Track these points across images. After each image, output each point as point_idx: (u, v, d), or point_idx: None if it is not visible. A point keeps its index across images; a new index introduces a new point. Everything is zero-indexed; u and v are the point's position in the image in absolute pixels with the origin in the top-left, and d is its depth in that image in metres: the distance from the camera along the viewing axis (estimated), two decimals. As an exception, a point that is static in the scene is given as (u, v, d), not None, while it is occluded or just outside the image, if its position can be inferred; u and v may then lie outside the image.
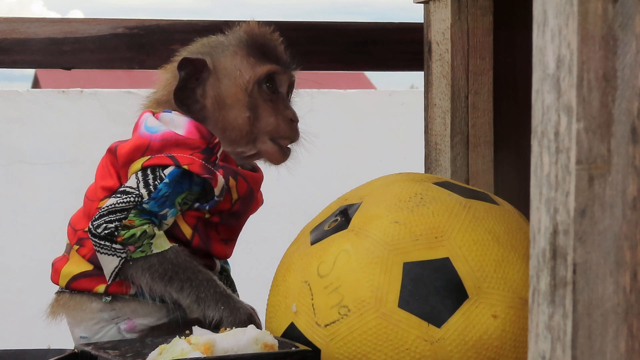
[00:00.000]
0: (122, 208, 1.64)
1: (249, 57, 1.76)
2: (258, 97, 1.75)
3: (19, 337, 3.08)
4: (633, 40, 1.06)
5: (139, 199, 1.65)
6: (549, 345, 1.09)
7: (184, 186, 1.67)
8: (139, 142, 1.69)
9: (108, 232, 1.64)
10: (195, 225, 1.70)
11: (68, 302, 1.72)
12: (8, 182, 3.57)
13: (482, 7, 2.00)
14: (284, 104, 1.78)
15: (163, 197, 1.65)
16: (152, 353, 1.48)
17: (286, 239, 1.72)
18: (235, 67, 1.75)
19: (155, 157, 1.67)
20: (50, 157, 3.58)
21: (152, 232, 1.65)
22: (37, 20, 2.14)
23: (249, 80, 1.75)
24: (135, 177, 1.67)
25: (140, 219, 1.65)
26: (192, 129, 1.70)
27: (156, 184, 1.66)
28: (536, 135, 1.11)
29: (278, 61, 1.77)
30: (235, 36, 1.78)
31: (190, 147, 1.68)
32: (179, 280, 1.65)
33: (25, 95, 3.61)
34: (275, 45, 1.78)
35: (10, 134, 3.56)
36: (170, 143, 1.68)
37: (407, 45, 2.22)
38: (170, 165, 1.66)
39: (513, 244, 1.52)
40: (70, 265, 1.72)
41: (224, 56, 1.76)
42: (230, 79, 1.75)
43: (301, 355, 1.47)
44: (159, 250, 1.65)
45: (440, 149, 2.03)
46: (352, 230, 1.54)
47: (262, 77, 1.75)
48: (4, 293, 3.52)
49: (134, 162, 1.68)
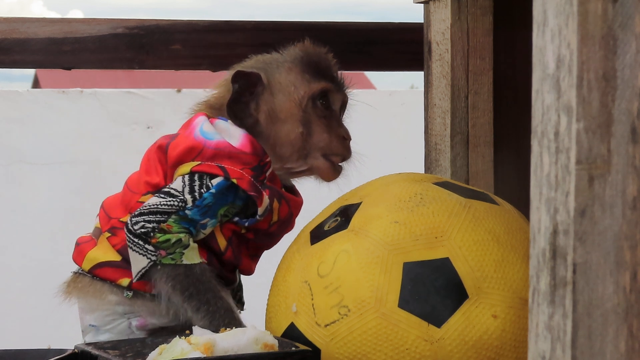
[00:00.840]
0: (163, 210, 1.64)
1: (304, 74, 1.77)
2: (312, 113, 1.76)
3: (19, 337, 3.08)
4: (633, 40, 1.06)
5: (183, 204, 1.65)
6: (549, 345, 1.09)
7: (228, 199, 1.67)
8: (192, 145, 1.69)
9: (144, 231, 1.64)
10: (230, 238, 1.71)
11: (87, 287, 1.71)
12: (8, 182, 3.57)
13: (482, 7, 2.00)
14: (337, 122, 1.79)
15: (206, 207, 1.66)
16: (152, 353, 1.48)
17: (286, 239, 1.73)
18: (290, 82, 1.76)
19: (206, 164, 1.67)
20: (50, 157, 3.58)
21: (187, 242, 1.65)
22: (37, 20, 2.14)
23: (304, 95, 1.75)
24: (182, 181, 1.67)
25: (179, 226, 1.65)
26: (247, 142, 1.70)
27: (202, 192, 1.65)
28: (536, 135, 1.11)
29: (332, 79, 1.79)
30: (290, 53, 1.79)
31: (242, 162, 1.68)
32: (197, 301, 1.65)
33: (25, 95, 3.61)
34: (329, 65, 1.80)
35: (10, 134, 3.56)
36: (223, 153, 1.68)
37: (407, 45, 2.22)
38: (219, 175, 1.66)
39: (513, 244, 1.52)
40: (98, 251, 1.72)
41: (278, 72, 1.77)
42: (284, 94, 1.75)
43: (301, 355, 1.47)
44: (189, 262, 1.65)
45: (440, 149, 2.03)
46: (352, 230, 1.54)
47: (317, 93, 1.76)
48: (4, 293, 3.52)
49: (183, 165, 1.68)
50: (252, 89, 1.75)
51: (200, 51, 2.17)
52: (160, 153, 1.72)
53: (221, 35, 2.18)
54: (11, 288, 3.53)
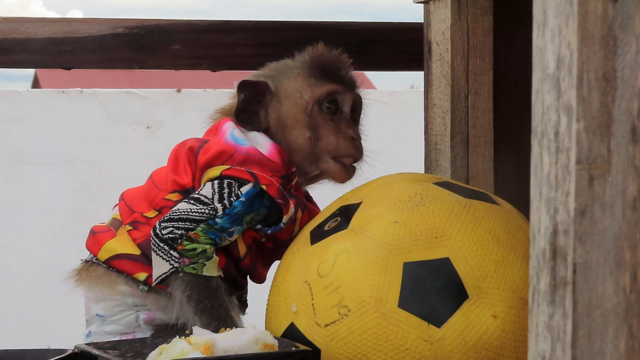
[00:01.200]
0: (193, 218, 1.65)
1: (310, 78, 1.77)
2: (318, 117, 1.76)
3: (19, 337, 3.08)
4: (633, 40, 1.06)
5: (214, 212, 1.65)
6: (549, 345, 1.09)
7: (255, 206, 1.68)
8: (224, 149, 1.69)
9: (172, 237, 1.65)
10: (250, 245, 1.72)
11: (101, 277, 1.72)
12: (8, 182, 3.57)
13: (482, 7, 2.00)
14: (346, 123, 1.78)
15: (236, 215, 1.66)
16: (152, 353, 1.48)
17: (286, 239, 1.72)
18: (296, 88, 1.76)
19: (236, 168, 1.67)
20: (50, 157, 3.57)
21: (211, 254, 1.66)
22: (37, 20, 2.13)
23: (309, 100, 1.75)
24: (212, 187, 1.67)
25: (206, 236, 1.65)
26: (275, 151, 1.71)
27: (232, 200, 1.66)
28: (536, 135, 1.11)
29: (339, 81, 1.78)
30: (300, 59, 1.80)
31: (272, 169, 1.69)
32: (209, 316, 1.66)
33: (25, 95, 3.61)
34: (338, 65, 1.79)
35: (10, 134, 3.56)
36: (253, 160, 1.69)
37: (407, 45, 2.22)
38: (249, 181, 1.67)
39: (513, 244, 1.52)
40: (117, 242, 1.72)
41: (286, 78, 1.77)
42: (290, 100, 1.75)
43: (301, 355, 1.47)
44: (209, 274, 1.66)
45: (440, 149, 2.03)
46: (352, 230, 1.54)
47: (322, 97, 1.76)
48: (4, 293, 3.52)
49: (213, 168, 1.69)
50: (260, 98, 1.75)
51: (200, 51, 2.17)
52: (191, 154, 1.72)
53: (221, 35, 2.18)
54: (11, 288, 3.53)
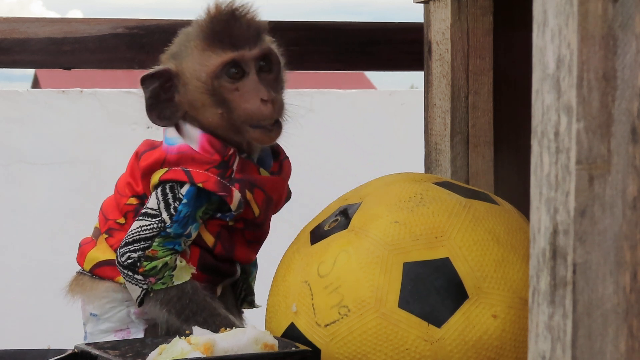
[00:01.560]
0: (146, 236, 1.64)
1: (205, 51, 1.67)
2: (224, 90, 1.67)
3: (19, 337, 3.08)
4: (633, 40, 1.06)
5: (162, 224, 1.65)
6: (549, 345, 1.09)
7: (202, 201, 1.66)
8: (158, 156, 1.68)
9: (131, 261, 1.64)
10: (219, 233, 1.70)
11: (87, 283, 1.73)
12: (8, 182, 3.57)
13: (482, 7, 2.00)
14: (254, 86, 1.67)
15: (185, 218, 1.65)
16: (152, 353, 1.48)
17: (286, 239, 1.72)
18: (194, 67, 1.68)
19: (172, 170, 1.66)
20: (50, 157, 3.58)
21: (173, 263, 1.66)
22: (37, 20, 2.13)
23: (206, 78, 1.67)
24: (155, 196, 1.66)
25: (164, 249, 1.65)
26: (205, 142, 1.68)
27: (176, 206, 1.65)
28: (536, 135, 1.11)
29: (234, 44, 1.66)
30: (197, 26, 1.70)
31: (206, 162, 1.66)
32: (195, 322, 1.65)
33: (25, 95, 3.61)
34: (229, 28, 1.67)
35: (10, 134, 3.56)
36: (186, 157, 1.67)
37: (407, 45, 2.22)
38: (185, 182, 1.65)
39: (513, 244, 1.52)
40: (97, 251, 1.73)
41: (186, 56, 1.69)
42: (191, 81, 1.68)
43: (301, 355, 1.47)
44: (180, 281, 1.66)
45: (440, 149, 2.03)
46: (352, 230, 1.54)
47: (218, 70, 1.66)
48: (4, 293, 3.52)
49: (154, 175, 1.68)
50: (167, 85, 1.70)
51: (200, 51, 2.17)
52: (136, 160, 1.72)
53: (221, 35, 2.17)
54: (11, 288, 3.53)
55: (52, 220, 3.52)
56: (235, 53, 1.67)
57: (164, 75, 1.70)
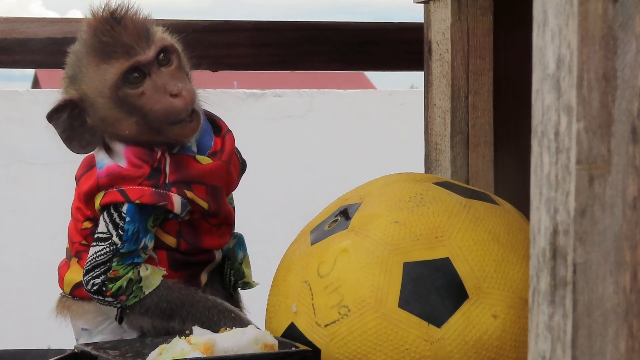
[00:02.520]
0: (103, 260, 1.64)
1: (100, 66, 1.61)
2: (129, 99, 1.62)
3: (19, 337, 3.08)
4: (633, 40, 1.06)
5: (114, 246, 1.63)
6: (549, 345, 1.09)
7: (147, 213, 1.64)
8: (92, 182, 1.65)
9: (96, 287, 1.64)
10: (179, 230, 1.68)
11: (73, 305, 1.73)
12: (8, 182, 3.57)
13: (482, 7, 2.00)
14: (156, 84, 1.62)
15: (134, 234, 1.64)
16: (152, 353, 1.48)
17: (286, 239, 1.72)
18: (94, 85, 1.63)
19: (108, 193, 1.64)
20: (50, 157, 3.58)
21: (137, 276, 1.64)
22: (37, 20, 2.13)
23: (109, 92, 1.62)
24: (103, 220, 1.65)
25: (123, 267, 1.64)
26: (130, 155, 1.64)
27: (122, 225, 1.63)
28: (536, 135, 1.11)
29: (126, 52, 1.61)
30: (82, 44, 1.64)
31: (136, 177, 1.64)
32: (179, 316, 1.66)
33: (25, 95, 3.61)
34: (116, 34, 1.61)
35: (10, 134, 3.57)
36: (115, 177, 1.64)
37: (407, 45, 2.22)
38: (122, 201, 1.63)
39: (513, 244, 1.52)
40: (72, 274, 1.72)
41: (82, 76, 1.64)
42: (96, 100, 1.63)
43: (301, 355, 1.47)
44: (151, 289, 1.65)
45: (440, 149, 2.03)
46: (352, 230, 1.54)
47: (116, 83, 1.61)
48: (4, 293, 3.52)
49: (95, 199, 1.66)
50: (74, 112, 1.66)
51: (200, 51, 2.17)
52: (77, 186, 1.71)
53: (221, 35, 2.18)
54: (11, 288, 3.53)
55: (52, 220, 3.51)
56: (131, 60, 1.61)
57: (68, 105, 1.66)
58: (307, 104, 3.70)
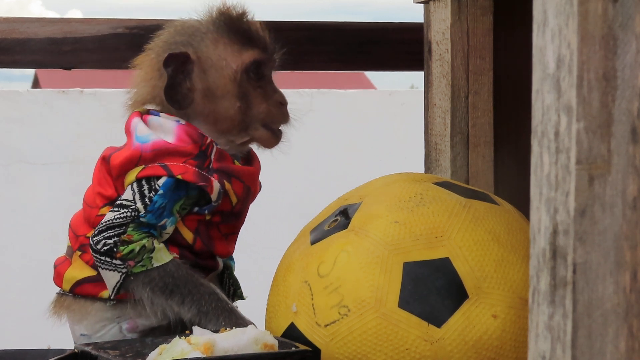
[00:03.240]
0: (119, 223, 1.63)
1: (233, 45, 1.72)
2: (247, 86, 1.72)
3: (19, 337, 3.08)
4: (633, 40, 1.06)
5: (136, 212, 1.64)
6: (549, 345, 1.09)
7: (180, 194, 1.66)
8: (131, 154, 1.67)
9: (107, 248, 1.63)
10: (197, 228, 1.69)
11: (72, 305, 1.71)
12: (8, 182, 3.57)
13: (482, 7, 2.00)
14: (272, 88, 1.75)
15: (160, 209, 1.64)
16: (152, 353, 1.48)
17: (286, 239, 1.73)
18: (220, 57, 1.71)
19: (149, 167, 1.65)
20: (50, 157, 3.58)
21: (152, 246, 1.64)
22: (37, 20, 2.13)
23: (237, 69, 1.71)
24: (131, 189, 1.65)
25: (139, 232, 1.64)
26: (182, 134, 1.67)
27: (151, 196, 1.64)
28: (536, 135, 1.11)
29: (262, 46, 1.73)
30: (212, 22, 1.73)
31: (183, 155, 1.66)
32: (180, 294, 1.65)
33: (25, 95, 3.61)
34: (256, 29, 1.74)
35: (10, 134, 3.57)
36: (161, 152, 1.66)
37: (407, 45, 2.22)
38: (164, 175, 1.64)
39: (513, 244, 1.52)
40: (74, 270, 1.71)
41: (205, 45, 1.71)
42: (216, 69, 1.71)
43: (301, 355, 1.47)
44: (160, 263, 1.65)
45: (440, 149, 2.03)
46: (352, 230, 1.54)
47: (249, 65, 1.72)
48: (4, 293, 3.52)
49: (128, 174, 1.67)
50: (182, 68, 1.71)
51: (201, 51, 2.17)
52: (105, 164, 1.71)
53: (221, 35, 2.17)
54: (11, 288, 3.53)
55: (52, 220, 3.51)
56: (264, 55, 1.73)
57: (180, 58, 1.70)
58: (307, 104, 3.70)
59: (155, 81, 1.73)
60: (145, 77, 1.75)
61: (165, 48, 1.73)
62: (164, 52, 1.72)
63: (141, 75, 1.76)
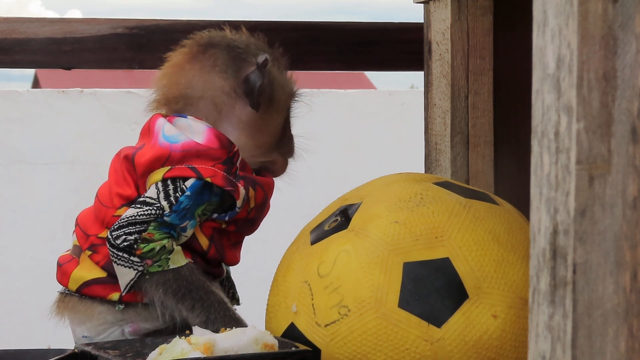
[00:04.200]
0: (142, 220, 1.63)
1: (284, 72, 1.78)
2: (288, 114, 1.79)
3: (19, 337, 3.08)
4: (633, 40, 1.06)
5: (160, 211, 1.63)
6: (549, 345, 1.09)
7: (204, 198, 1.66)
8: (159, 153, 1.66)
9: (127, 244, 1.63)
10: (212, 235, 1.70)
11: (77, 306, 1.70)
12: (8, 182, 3.57)
13: (482, 7, 2.00)
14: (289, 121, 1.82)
15: (184, 210, 1.64)
16: (152, 353, 1.48)
17: (286, 239, 1.73)
18: (281, 76, 1.77)
19: (177, 168, 1.65)
20: (50, 157, 3.57)
21: (171, 247, 1.64)
22: (37, 20, 2.14)
23: (290, 93, 1.78)
24: (156, 188, 1.65)
25: (160, 232, 1.63)
26: (212, 137, 1.67)
27: (177, 196, 1.64)
28: (536, 135, 1.11)
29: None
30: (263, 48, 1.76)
31: (212, 158, 1.66)
32: (191, 299, 1.65)
33: (25, 95, 3.61)
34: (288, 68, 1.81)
35: (10, 134, 3.56)
36: (191, 154, 1.66)
37: (407, 45, 2.22)
38: (192, 177, 1.64)
39: (513, 244, 1.52)
40: (82, 270, 1.70)
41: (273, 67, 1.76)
42: (280, 84, 1.76)
43: (301, 355, 1.47)
44: (176, 265, 1.65)
45: (440, 149, 2.03)
46: (352, 230, 1.54)
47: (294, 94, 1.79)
48: (4, 293, 3.52)
49: (154, 172, 1.66)
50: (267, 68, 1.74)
51: (201, 51, 2.17)
52: (127, 164, 1.70)
53: (221, 36, 2.17)
54: (11, 288, 3.53)
55: (52, 220, 3.52)
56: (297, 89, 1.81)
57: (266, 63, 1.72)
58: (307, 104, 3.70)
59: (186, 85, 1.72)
60: (171, 79, 1.74)
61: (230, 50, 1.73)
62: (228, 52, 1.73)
63: (165, 77, 1.75)
